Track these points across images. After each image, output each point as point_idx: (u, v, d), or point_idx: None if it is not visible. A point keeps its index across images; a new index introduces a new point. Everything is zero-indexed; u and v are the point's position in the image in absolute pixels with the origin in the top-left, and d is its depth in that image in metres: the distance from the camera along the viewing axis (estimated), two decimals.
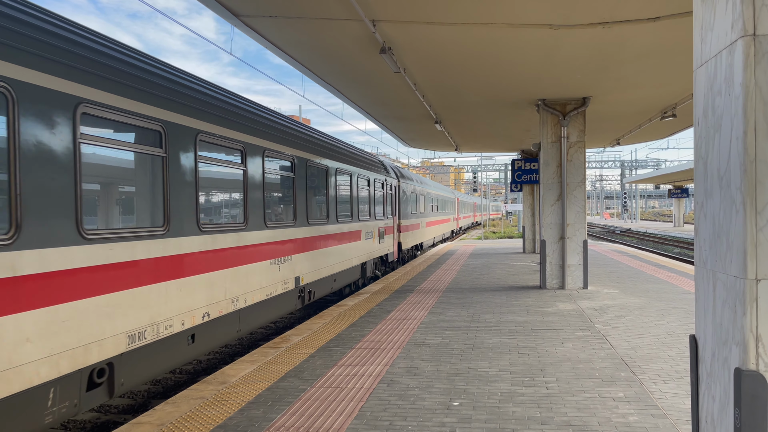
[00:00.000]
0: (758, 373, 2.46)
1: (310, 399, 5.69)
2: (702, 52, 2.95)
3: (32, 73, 4.67)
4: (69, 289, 4.92)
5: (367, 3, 7.22)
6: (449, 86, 11.77)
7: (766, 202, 2.46)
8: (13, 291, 4.39)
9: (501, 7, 7.38)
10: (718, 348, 2.76)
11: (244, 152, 8.23)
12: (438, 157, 58.39)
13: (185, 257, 6.64)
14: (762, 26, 2.48)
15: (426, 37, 8.55)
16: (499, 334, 8.42)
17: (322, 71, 10.68)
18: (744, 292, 2.48)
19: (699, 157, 3.01)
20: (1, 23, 4.49)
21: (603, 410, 5.24)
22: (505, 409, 5.30)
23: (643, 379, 6.15)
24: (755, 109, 2.48)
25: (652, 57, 9.71)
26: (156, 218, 6.27)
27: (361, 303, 11.39)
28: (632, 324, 8.93)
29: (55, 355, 4.73)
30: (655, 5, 7.35)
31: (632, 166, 66.36)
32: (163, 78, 6.54)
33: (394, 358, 7.16)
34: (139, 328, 5.82)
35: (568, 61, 9.84)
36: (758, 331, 2.46)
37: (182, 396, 5.85)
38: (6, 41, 4.47)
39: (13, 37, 4.55)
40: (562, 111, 12.95)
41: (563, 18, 7.77)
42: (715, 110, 2.79)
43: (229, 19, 7.83)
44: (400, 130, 18.60)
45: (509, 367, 6.70)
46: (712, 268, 2.83)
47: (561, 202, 12.83)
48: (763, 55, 2.48)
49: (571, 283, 12.83)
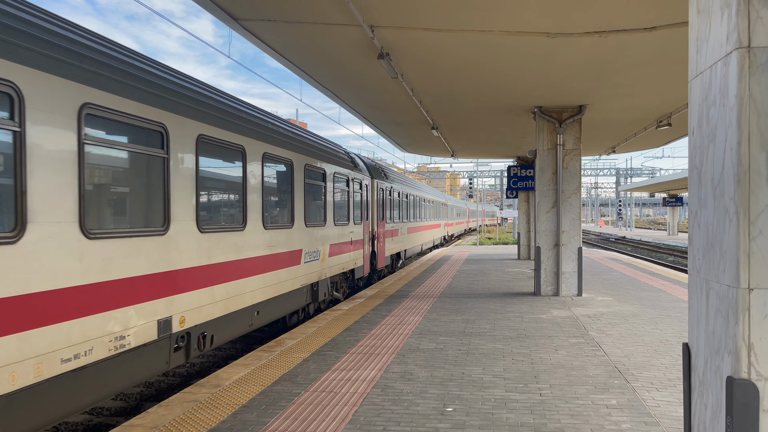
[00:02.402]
0: (750, 381, 2.48)
1: (304, 403, 5.68)
2: (697, 63, 2.98)
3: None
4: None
5: (365, 8, 7.25)
6: (446, 92, 11.81)
7: (759, 212, 2.49)
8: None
9: (498, 15, 7.43)
10: (711, 356, 2.78)
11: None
12: (434, 163, 58.52)
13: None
14: (757, 38, 2.51)
15: (424, 43, 8.58)
16: (494, 340, 8.43)
17: (320, 75, 10.70)
18: (737, 301, 2.50)
19: (693, 166, 3.04)
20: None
21: (596, 417, 5.25)
22: (498, 416, 5.30)
23: (636, 387, 6.17)
24: (749, 121, 2.50)
25: (648, 66, 9.77)
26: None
27: (356, 307, 11.39)
28: (626, 331, 8.95)
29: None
30: (651, 15, 7.41)
31: (627, 174, 66.62)
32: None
33: (388, 363, 7.16)
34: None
35: (565, 69, 9.90)
36: (750, 340, 2.48)
37: (175, 399, 5.83)
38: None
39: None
40: (558, 118, 13.01)
41: (560, 26, 7.82)
42: (709, 121, 2.82)
43: (228, 23, 7.85)
44: (396, 136, 18.63)
45: (503, 373, 6.71)
46: (705, 276, 2.86)
47: (556, 209, 12.88)
48: (757, 66, 2.51)
49: (566, 290, 12.86)
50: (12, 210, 4.53)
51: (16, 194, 4.55)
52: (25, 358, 4.52)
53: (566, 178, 12.84)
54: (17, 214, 4.55)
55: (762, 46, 2.51)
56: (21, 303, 4.51)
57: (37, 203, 4.74)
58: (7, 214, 4.49)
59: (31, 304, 4.62)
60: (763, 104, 2.49)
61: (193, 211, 7.11)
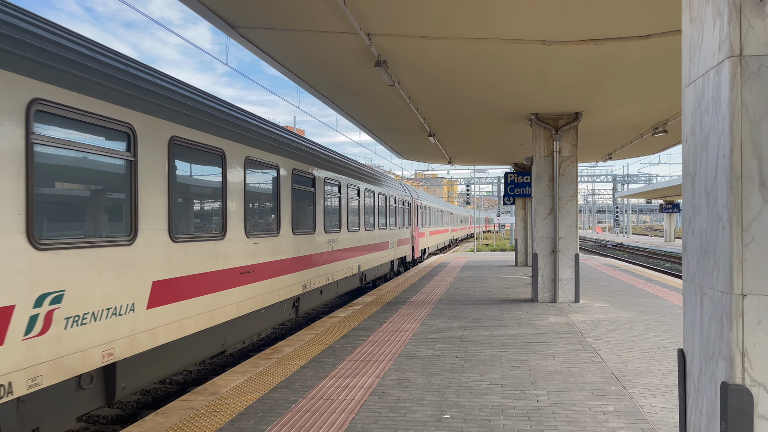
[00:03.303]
0: (744, 387, 2.50)
1: (301, 410, 5.68)
2: (690, 71, 3.01)
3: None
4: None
5: (362, 17, 7.29)
6: (443, 99, 11.86)
7: (752, 218, 2.51)
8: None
9: (494, 23, 7.48)
10: (706, 362, 2.79)
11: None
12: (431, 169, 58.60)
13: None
14: (748, 47, 2.54)
15: (421, 51, 8.63)
16: (491, 346, 8.43)
17: (317, 83, 10.74)
18: (730, 307, 2.52)
19: (687, 173, 3.06)
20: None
21: (593, 424, 5.26)
22: (495, 422, 5.30)
23: (633, 393, 6.17)
24: (741, 128, 2.53)
25: (644, 73, 9.83)
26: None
27: (354, 314, 11.38)
28: (623, 338, 8.96)
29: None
30: (646, 23, 7.47)
31: (624, 181, 66.81)
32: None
33: (385, 370, 7.15)
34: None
35: (561, 76, 9.95)
36: (744, 346, 2.50)
37: (172, 406, 5.82)
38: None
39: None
40: (554, 125, 13.06)
41: (555, 34, 7.87)
42: (702, 128, 2.85)
43: (225, 30, 7.88)
44: (393, 142, 18.68)
45: (500, 379, 6.72)
46: (699, 283, 2.88)
47: (553, 215, 12.91)
48: (749, 75, 2.54)
49: (563, 297, 12.87)
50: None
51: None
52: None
53: (563, 184, 12.88)
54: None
55: (753, 54, 2.54)
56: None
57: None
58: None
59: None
60: (755, 112, 2.52)
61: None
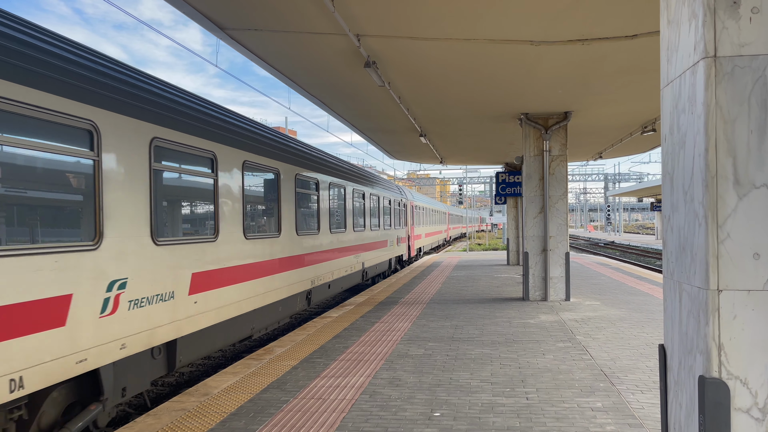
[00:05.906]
0: (721, 380, 2.56)
1: (293, 410, 5.71)
2: (668, 72, 3.08)
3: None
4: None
5: (351, 18, 7.33)
6: (433, 100, 11.92)
7: (727, 216, 2.57)
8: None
9: (482, 24, 7.54)
10: (684, 357, 2.85)
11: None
12: (424, 169, 58.68)
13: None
14: (722, 48, 2.60)
15: (410, 51, 8.68)
16: (482, 345, 8.49)
17: (307, 84, 10.77)
18: (707, 302, 2.58)
19: (666, 172, 3.12)
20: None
21: (581, 420, 5.32)
22: (485, 420, 5.36)
23: (622, 390, 6.24)
24: (716, 127, 2.59)
25: (631, 73, 9.93)
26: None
27: (346, 315, 11.42)
28: (612, 335, 9.05)
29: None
30: (632, 24, 7.55)
31: (615, 180, 67.10)
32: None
33: (376, 370, 7.19)
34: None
35: (549, 76, 10.03)
36: (720, 340, 2.56)
37: (164, 408, 5.84)
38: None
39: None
40: (544, 125, 13.15)
41: (543, 34, 7.94)
42: (680, 128, 2.91)
43: (215, 32, 7.90)
44: (385, 143, 18.73)
45: (491, 377, 6.77)
46: (678, 279, 2.94)
47: (543, 214, 12.99)
48: (723, 75, 2.60)
49: (554, 295, 12.96)
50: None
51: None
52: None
53: (553, 183, 12.97)
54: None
55: (727, 55, 2.60)
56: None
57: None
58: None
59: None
60: (729, 112, 2.58)
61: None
